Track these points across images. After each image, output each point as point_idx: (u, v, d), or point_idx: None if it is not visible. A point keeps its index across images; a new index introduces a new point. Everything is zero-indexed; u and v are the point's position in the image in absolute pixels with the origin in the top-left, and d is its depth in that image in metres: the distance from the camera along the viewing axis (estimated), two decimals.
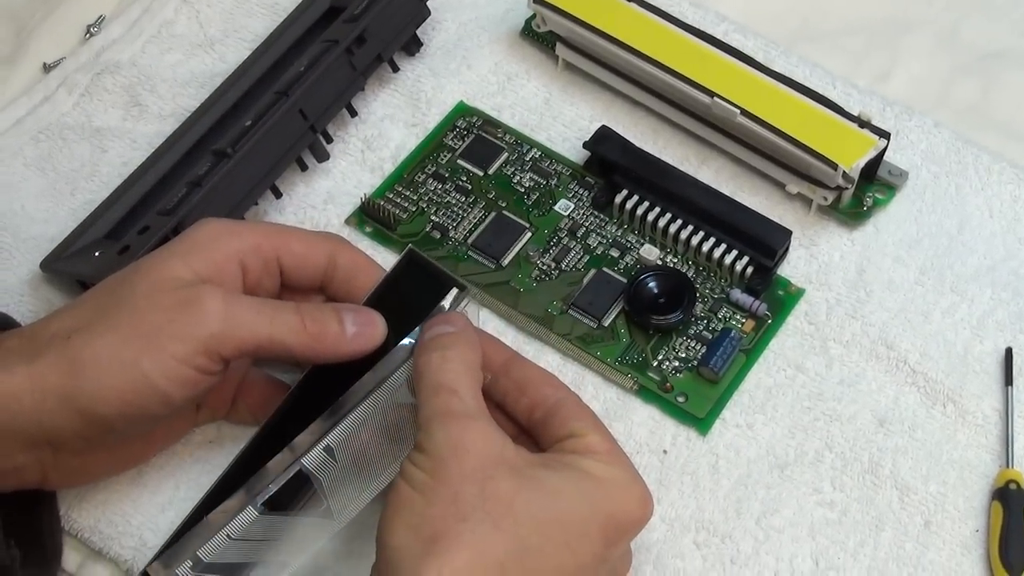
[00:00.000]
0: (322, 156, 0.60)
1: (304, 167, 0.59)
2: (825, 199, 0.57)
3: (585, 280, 0.56)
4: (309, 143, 0.59)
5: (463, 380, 0.45)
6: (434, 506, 0.42)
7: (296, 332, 0.46)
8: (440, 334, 0.46)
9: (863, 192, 0.58)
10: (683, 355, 0.55)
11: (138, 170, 0.59)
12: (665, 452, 0.53)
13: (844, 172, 0.55)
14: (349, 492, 0.47)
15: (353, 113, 0.61)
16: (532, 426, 0.47)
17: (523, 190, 0.59)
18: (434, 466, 0.42)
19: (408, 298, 0.48)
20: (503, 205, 0.59)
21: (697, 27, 0.60)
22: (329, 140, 0.60)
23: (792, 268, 0.57)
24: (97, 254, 0.55)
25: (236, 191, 0.56)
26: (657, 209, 0.57)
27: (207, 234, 0.48)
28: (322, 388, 0.47)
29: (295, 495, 0.47)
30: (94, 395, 0.45)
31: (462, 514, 0.41)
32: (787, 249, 0.57)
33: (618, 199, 0.58)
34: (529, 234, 0.58)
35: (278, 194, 0.59)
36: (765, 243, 0.56)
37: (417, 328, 0.47)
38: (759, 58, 0.60)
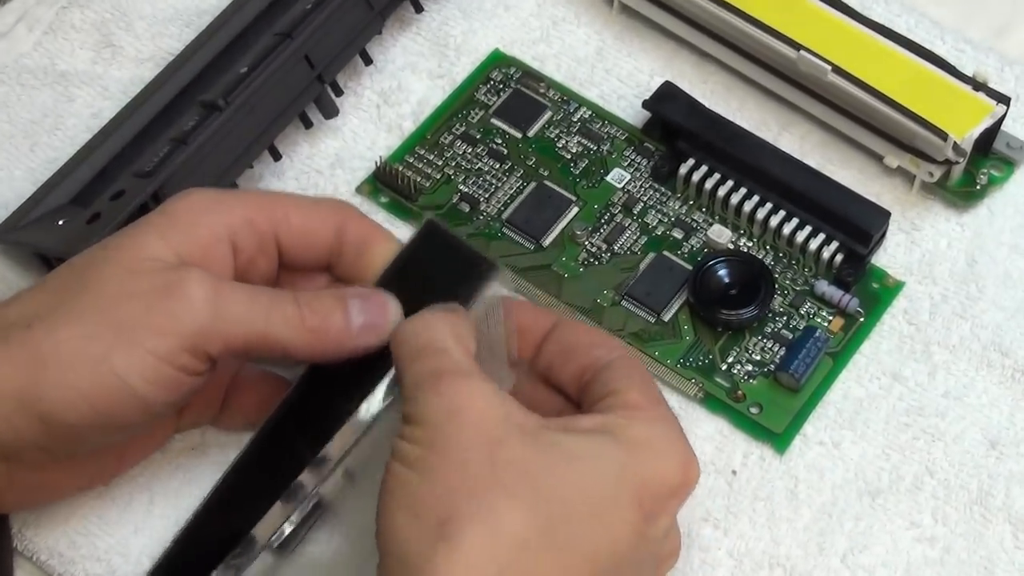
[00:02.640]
0: (330, 111, 0.59)
1: (308, 124, 0.59)
2: (931, 175, 0.57)
3: (642, 266, 0.56)
4: (315, 96, 0.58)
5: (449, 338, 0.44)
6: (436, 483, 0.41)
7: (295, 328, 0.46)
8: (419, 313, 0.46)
9: (976, 168, 0.58)
10: (758, 358, 0.54)
11: (110, 123, 0.58)
12: (734, 473, 0.52)
13: (955, 143, 0.55)
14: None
15: (368, 61, 0.61)
16: (580, 393, 0.47)
17: (569, 156, 0.59)
18: (430, 437, 0.42)
19: (428, 279, 0.48)
20: (545, 174, 0.58)
21: None
22: (339, 93, 0.60)
23: (890, 257, 0.57)
24: (61, 223, 0.55)
25: (228, 151, 0.56)
26: (729, 183, 0.57)
27: (191, 207, 0.48)
28: (330, 383, 0.47)
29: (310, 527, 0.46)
30: (58, 399, 0.44)
31: (470, 488, 0.41)
32: (884, 234, 0.56)
33: (683, 170, 0.57)
34: (576, 209, 0.57)
35: (277, 156, 0.58)
36: (858, 226, 0.55)
37: None
38: (854, 5, 0.59)
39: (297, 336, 0.46)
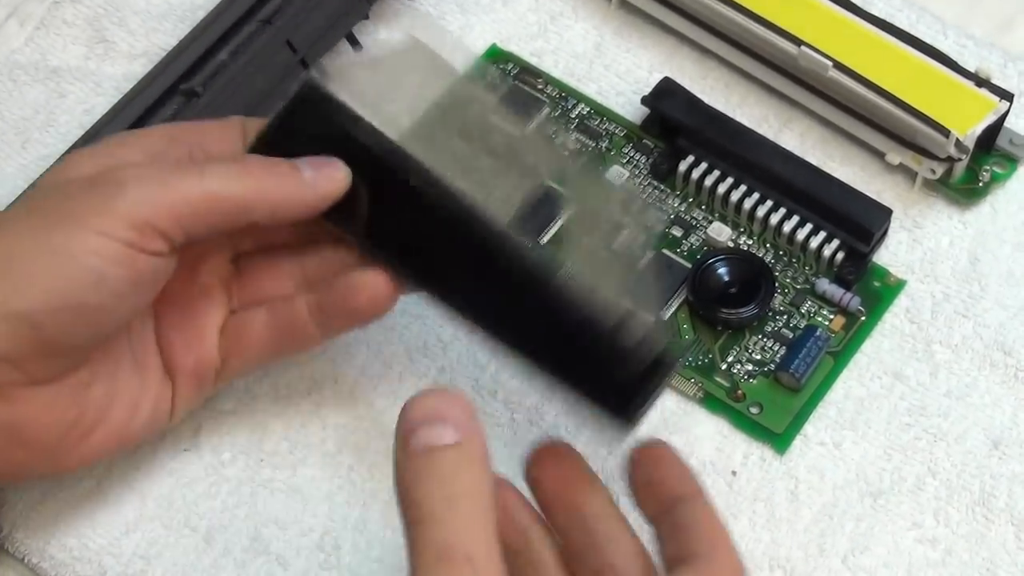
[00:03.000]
0: None
1: None
2: (933, 172, 0.57)
3: (641, 264, 0.56)
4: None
5: (478, 534, 0.40)
6: None
7: (239, 177, 0.45)
8: (433, 447, 0.41)
9: (979, 164, 0.58)
10: (758, 357, 0.54)
11: (102, 119, 0.58)
12: (734, 474, 0.52)
13: (957, 140, 0.55)
14: None
15: (357, 46, 0.60)
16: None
17: (567, 153, 0.58)
18: None
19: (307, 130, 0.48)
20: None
21: None
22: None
23: (891, 255, 0.56)
24: None
25: None
26: (729, 180, 0.57)
27: (115, 135, 0.49)
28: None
29: None
30: (9, 289, 0.43)
31: None
32: (886, 232, 0.56)
33: (682, 167, 0.57)
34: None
35: None
36: (859, 224, 0.55)
37: None
38: (856, 0, 0.59)
39: (244, 186, 0.45)
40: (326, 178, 0.46)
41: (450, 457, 0.40)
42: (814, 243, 0.55)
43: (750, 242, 0.57)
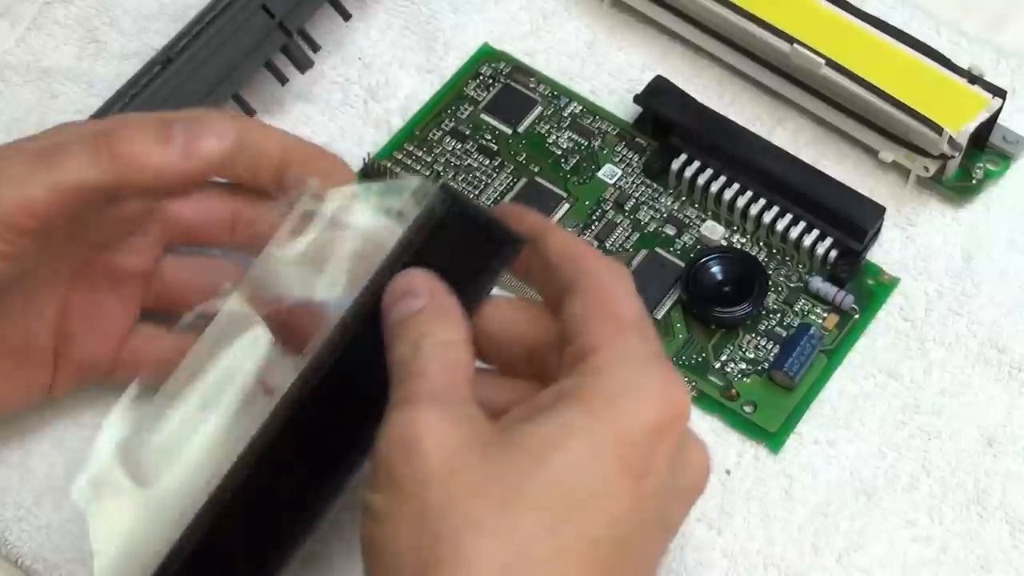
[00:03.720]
0: (304, 64, 0.59)
1: (283, 80, 0.59)
2: (926, 170, 0.57)
3: (634, 263, 0.56)
4: (279, 45, 0.58)
5: (434, 362, 0.42)
6: (400, 537, 0.39)
7: (90, 161, 0.45)
8: (405, 316, 0.43)
9: (972, 162, 0.58)
10: (752, 356, 0.54)
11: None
12: (728, 472, 0.52)
13: (950, 137, 0.55)
14: None
15: (346, 16, 0.60)
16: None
17: (560, 152, 0.59)
18: (387, 479, 0.40)
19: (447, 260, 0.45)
20: (536, 170, 0.58)
21: None
22: (316, 48, 0.60)
23: (885, 253, 0.57)
24: None
25: (183, 104, 0.56)
26: (722, 178, 0.57)
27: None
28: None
29: None
30: None
31: (434, 533, 0.38)
32: (879, 229, 0.56)
33: (675, 165, 0.57)
34: (567, 206, 0.57)
35: (250, 111, 0.58)
36: (853, 222, 0.55)
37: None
38: None
39: (102, 171, 0.45)
40: (198, 143, 0.46)
41: (417, 319, 0.43)
42: (807, 241, 0.55)
43: (743, 240, 0.57)
